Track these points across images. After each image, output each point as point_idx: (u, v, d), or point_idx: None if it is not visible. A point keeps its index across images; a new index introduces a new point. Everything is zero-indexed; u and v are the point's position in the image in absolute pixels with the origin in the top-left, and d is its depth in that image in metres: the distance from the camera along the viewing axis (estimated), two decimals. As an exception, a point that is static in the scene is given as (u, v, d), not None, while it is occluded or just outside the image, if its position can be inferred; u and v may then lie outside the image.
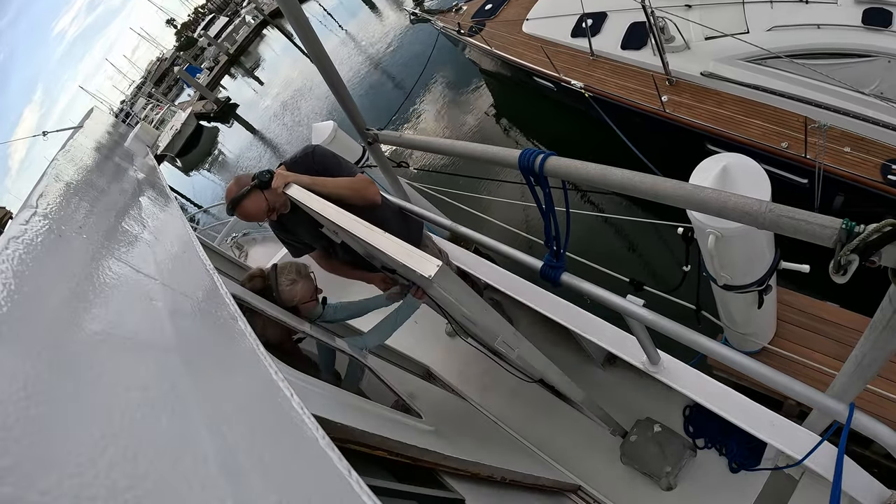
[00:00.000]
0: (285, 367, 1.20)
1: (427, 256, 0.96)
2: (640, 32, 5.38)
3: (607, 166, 1.03)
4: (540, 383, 2.24)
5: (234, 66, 35.94)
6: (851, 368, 1.10)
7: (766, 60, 4.50)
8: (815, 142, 3.78)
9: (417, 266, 0.95)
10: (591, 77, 5.62)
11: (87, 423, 0.33)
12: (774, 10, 4.68)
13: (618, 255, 5.42)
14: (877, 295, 0.89)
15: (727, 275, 2.25)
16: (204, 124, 27.02)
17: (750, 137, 4.27)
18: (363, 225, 1.19)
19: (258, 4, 37.64)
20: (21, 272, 0.46)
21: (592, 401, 1.92)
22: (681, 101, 4.85)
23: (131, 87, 56.45)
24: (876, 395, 2.44)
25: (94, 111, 2.05)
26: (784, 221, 0.76)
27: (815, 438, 1.39)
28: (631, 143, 5.02)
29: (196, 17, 55.75)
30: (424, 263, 0.95)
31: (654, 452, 2.03)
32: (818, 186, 3.83)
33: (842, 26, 4.22)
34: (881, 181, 3.69)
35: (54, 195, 0.75)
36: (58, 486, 0.26)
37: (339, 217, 1.30)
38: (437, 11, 9.09)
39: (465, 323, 1.57)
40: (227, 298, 0.84)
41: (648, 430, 2.09)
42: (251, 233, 5.45)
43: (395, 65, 14.92)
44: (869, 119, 3.86)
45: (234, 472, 0.38)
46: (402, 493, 1.16)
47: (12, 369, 0.33)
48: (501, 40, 7.04)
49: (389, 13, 19.92)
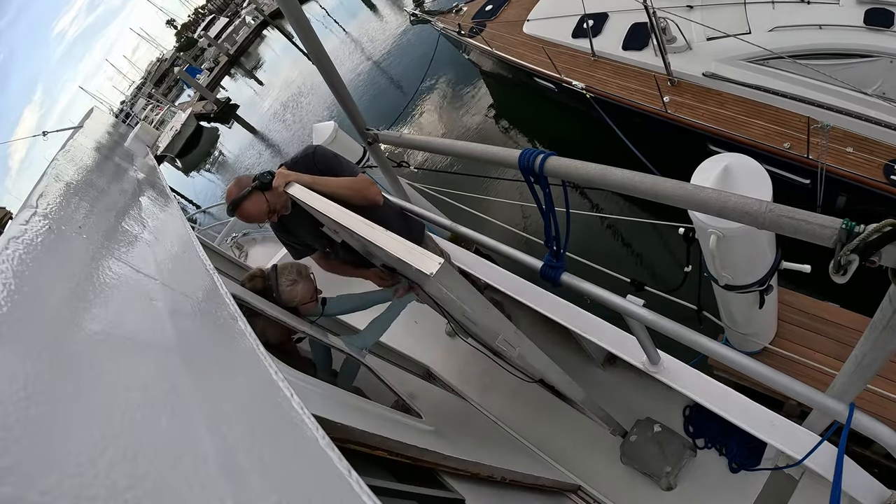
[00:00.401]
0: (285, 367, 1.20)
1: (428, 254, 0.96)
2: (641, 33, 5.37)
3: (607, 166, 1.03)
4: (540, 383, 2.24)
5: (235, 67, 35.95)
6: (851, 368, 1.10)
7: (767, 61, 4.49)
8: (818, 142, 3.78)
9: (419, 263, 0.95)
10: (592, 78, 5.62)
11: (87, 423, 0.33)
12: (776, 11, 4.67)
13: (618, 255, 5.42)
14: (877, 295, 0.89)
15: (729, 275, 2.25)
16: (204, 125, 27.04)
17: (752, 138, 4.27)
18: (364, 223, 1.18)
19: (258, 5, 37.66)
20: (21, 272, 0.46)
21: (593, 401, 1.92)
22: (682, 102, 4.84)
23: (131, 88, 56.48)
24: (876, 395, 2.44)
25: (94, 111, 2.05)
26: (784, 221, 0.76)
27: (815, 438, 1.39)
28: (632, 144, 5.02)
29: (196, 18, 55.76)
30: (426, 261, 0.94)
31: (654, 452, 2.03)
32: (820, 187, 3.82)
33: (844, 27, 4.22)
34: (884, 181, 3.68)
35: (54, 195, 0.75)
36: (58, 486, 0.26)
37: (341, 215, 1.30)
38: (438, 12, 9.07)
39: (466, 322, 1.57)
40: (227, 298, 0.84)
41: (648, 430, 2.09)
42: (251, 233, 5.45)
43: (395, 66, 14.92)
44: (871, 119, 3.85)
45: (234, 472, 0.38)
46: (402, 493, 1.16)
47: (12, 369, 0.33)
48: (502, 41, 7.03)
49: (390, 14, 19.92)
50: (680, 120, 4.73)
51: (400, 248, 1.02)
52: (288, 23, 1.71)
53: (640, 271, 5.14)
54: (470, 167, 6.62)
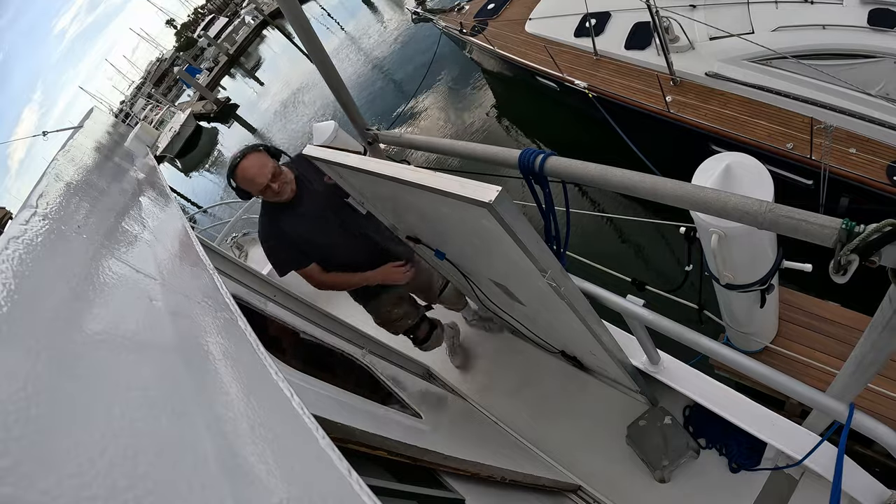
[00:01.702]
0: (285, 367, 1.20)
1: (483, 184, 0.93)
2: (644, 32, 5.36)
3: (607, 166, 1.03)
4: (561, 355, 2.23)
5: (234, 67, 35.93)
6: (852, 368, 1.10)
7: (771, 61, 4.47)
8: (821, 143, 3.76)
9: (475, 193, 0.92)
10: (594, 77, 5.60)
11: (87, 423, 0.33)
12: (780, 11, 4.65)
13: (619, 254, 5.41)
14: (877, 295, 0.89)
15: (730, 274, 2.25)
16: (203, 125, 27.04)
17: (755, 138, 4.25)
18: (407, 168, 1.13)
19: (258, 5, 37.63)
20: (21, 272, 0.46)
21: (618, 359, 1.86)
22: (685, 102, 4.83)
23: (131, 88, 56.49)
24: (876, 395, 2.44)
25: (94, 111, 2.05)
26: (784, 221, 0.76)
27: (815, 438, 1.39)
28: (634, 144, 5.01)
29: (196, 18, 55.75)
30: (482, 190, 0.91)
31: (657, 443, 2.03)
32: (823, 188, 3.81)
33: (847, 27, 4.20)
34: (887, 182, 3.67)
35: (54, 195, 0.75)
36: (58, 486, 0.26)
37: (377, 165, 1.24)
38: (440, 11, 9.05)
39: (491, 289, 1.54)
40: (227, 298, 0.84)
41: (659, 419, 2.09)
42: (251, 233, 5.44)
43: (396, 65, 14.90)
44: (875, 120, 3.84)
45: (234, 472, 0.38)
46: (402, 493, 1.16)
47: (12, 369, 0.33)
48: (504, 40, 7.01)
49: (390, 13, 19.90)
50: (682, 120, 4.71)
51: (451, 183, 0.98)
52: (287, 22, 1.70)
53: (641, 271, 5.14)
54: (470, 167, 6.62)
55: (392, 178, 1.15)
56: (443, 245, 1.68)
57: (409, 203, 1.41)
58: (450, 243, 1.60)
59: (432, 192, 1.03)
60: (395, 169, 1.16)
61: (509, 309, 1.91)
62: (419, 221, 1.58)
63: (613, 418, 2.26)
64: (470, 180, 0.95)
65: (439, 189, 0.99)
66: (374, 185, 1.51)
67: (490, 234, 1.04)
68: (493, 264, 1.45)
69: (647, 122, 5.10)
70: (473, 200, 0.92)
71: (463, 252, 1.58)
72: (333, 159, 1.42)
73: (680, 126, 4.76)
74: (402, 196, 1.37)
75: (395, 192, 1.39)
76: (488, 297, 1.87)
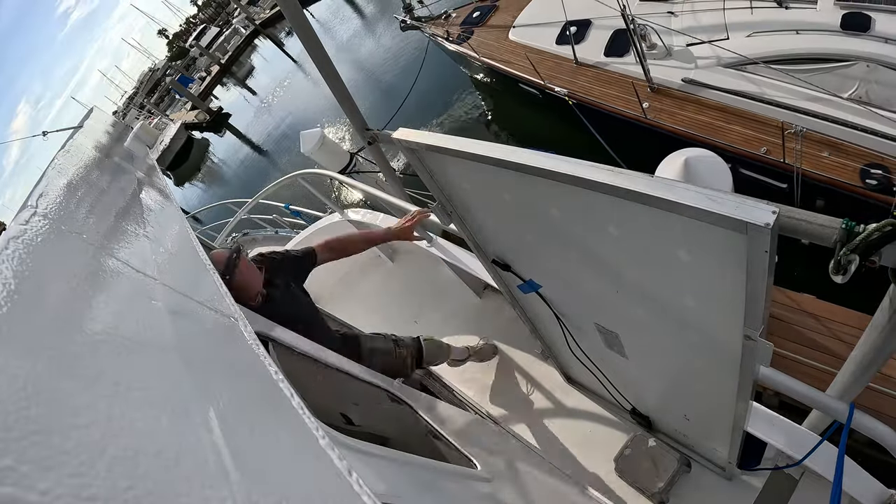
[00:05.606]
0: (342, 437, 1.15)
1: (744, 198, 0.69)
2: (623, 40, 5.41)
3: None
4: (630, 413, 2.13)
5: (226, 76, 35.89)
6: (852, 368, 1.10)
7: (746, 66, 4.53)
8: (793, 147, 3.81)
9: (737, 211, 0.68)
10: (574, 84, 5.67)
11: (87, 423, 0.33)
12: (754, 16, 4.72)
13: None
14: (877, 295, 0.89)
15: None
16: (195, 135, 27.17)
17: (730, 143, 4.30)
18: (581, 164, 0.88)
19: (249, 14, 37.53)
20: (21, 272, 0.46)
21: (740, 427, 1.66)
22: (662, 108, 4.90)
23: (123, 98, 56.44)
24: (877, 394, 2.44)
25: (94, 111, 2.04)
26: (784, 221, 0.76)
27: (815, 438, 1.39)
28: (612, 149, 5.13)
29: (187, 28, 55.61)
30: (748, 208, 0.68)
31: (647, 468, 2.02)
32: (797, 191, 3.86)
33: (821, 31, 4.24)
34: (860, 185, 3.70)
35: (54, 195, 0.75)
36: (58, 486, 0.26)
37: (517, 155, 1.01)
38: (427, 19, 9.09)
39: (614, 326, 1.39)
40: (227, 298, 0.84)
41: (643, 444, 2.08)
42: (251, 233, 5.45)
43: (385, 72, 15.02)
44: (848, 123, 3.87)
45: (234, 472, 0.38)
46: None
47: (12, 369, 0.33)
48: (489, 48, 7.07)
49: (379, 21, 20.00)
50: (658, 125, 4.77)
51: (687, 193, 0.73)
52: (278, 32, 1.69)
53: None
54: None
55: (561, 176, 0.85)
56: (546, 276, 1.46)
57: (537, 214, 1.16)
58: (573, 274, 1.30)
59: (644, 203, 0.77)
60: (554, 163, 0.88)
61: (597, 358, 1.78)
62: (535, 242, 1.30)
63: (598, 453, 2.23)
64: (718, 191, 0.71)
65: (663, 198, 0.73)
66: (480, 187, 1.26)
67: (704, 267, 0.80)
68: (638, 309, 1.19)
69: (625, 127, 5.15)
70: (731, 220, 0.67)
71: (581, 288, 1.34)
72: (440, 144, 1.13)
73: (656, 131, 4.80)
74: (531, 202, 1.14)
75: (519, 198, 1.16)
76: (577, 342, 1.74)
